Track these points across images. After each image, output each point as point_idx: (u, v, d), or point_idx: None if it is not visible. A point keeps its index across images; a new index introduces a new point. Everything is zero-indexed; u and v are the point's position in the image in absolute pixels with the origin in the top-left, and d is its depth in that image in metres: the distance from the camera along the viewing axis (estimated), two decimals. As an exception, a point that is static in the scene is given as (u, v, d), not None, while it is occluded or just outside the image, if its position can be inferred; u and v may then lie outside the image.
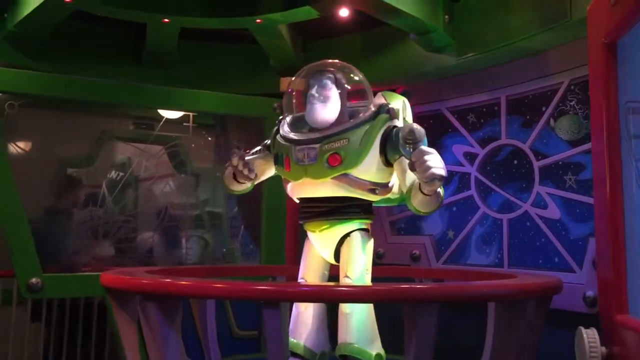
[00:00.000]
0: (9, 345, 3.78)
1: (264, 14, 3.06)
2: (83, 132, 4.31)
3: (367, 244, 2.22)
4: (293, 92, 2.34)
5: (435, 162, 1.86)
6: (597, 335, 1.88)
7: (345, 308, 2.19)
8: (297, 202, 2.35)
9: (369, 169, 2.14)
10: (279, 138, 2.28)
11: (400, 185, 2.20)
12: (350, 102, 2.24)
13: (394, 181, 2.24)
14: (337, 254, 2.25)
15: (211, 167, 4.93)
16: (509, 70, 3.08)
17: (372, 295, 1.70)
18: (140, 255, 4.47)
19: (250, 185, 2.45)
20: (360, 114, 2.18)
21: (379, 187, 2.18)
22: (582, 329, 1.92)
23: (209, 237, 4.70)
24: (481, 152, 3.23)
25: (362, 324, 2.18)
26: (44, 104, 3.91)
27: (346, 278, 2.17)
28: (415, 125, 1.96)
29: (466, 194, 3.29)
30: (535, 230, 2.94)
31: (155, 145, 4.45)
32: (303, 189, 2.26)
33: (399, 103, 2.33)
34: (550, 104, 2.91)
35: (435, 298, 1.71)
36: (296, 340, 2.29)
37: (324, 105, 2.19)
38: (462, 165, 3.31)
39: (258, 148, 2.48)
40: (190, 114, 4.23)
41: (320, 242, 2.30)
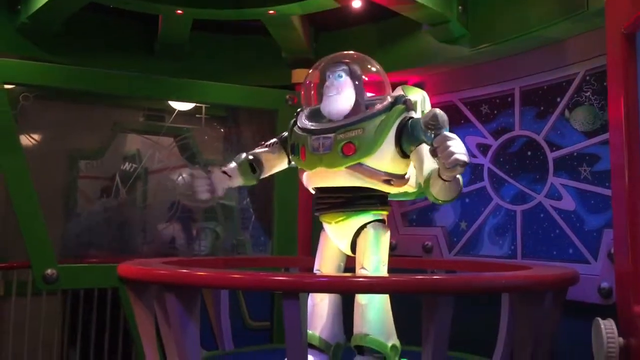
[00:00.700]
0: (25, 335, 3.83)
1: (277, 5, 3.06)
2: (96, 124, 4.33)
3: (384, 236, 2.22)
4: (310, 84, 2.33)
5: (458, 148, 1.85)
6: (615, 326, 1.89)
7: (361, 299, 2.19)
8: (312, 193, 2.36)
9: (383, 159, 2.14)
10: (296, 129, 2.30)
11: (417, 177, 2.19)
12: (367, 94, 2.24)
13: (410, 173, 2.24)
14: (354, 245, 2.26)
15: (222, 159, 4.94)
16: (523, 61, 3.07)
17: (391, 285, 1.70)
18: (151, 247, 4.50)
19: (254, 180, 2.50)
20: (376, 105, 2.18)
21: (394, 178, 2.17)
22: (600, 320, 1.92)
23: (220, 230, 4.71)
24: (494, 144, 3.22)
25: (378, 315, 2.19)
26: (57, 96, 3.93)
27: (362, 269, 2.18)
28: (438, 111, 1.94)
29: (479, 185, 3.28)
30: (549, 221, 2.94)
31: (167, 137, 4.47)
32: (318, 179, 2.26)
33: (419, 96, 2.33)
34: (565, 95, 2.90)
35: (453, 289, 1.71)
36: (311, 332, 2.30)
37: (338, 97, 2.20)
38: (475, 156, 3.30)
39: (274, 140, 2.48)
40: (202, 105, 4.23)
41: (336, 234, 2.31)
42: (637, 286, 1.88)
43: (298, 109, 2.38)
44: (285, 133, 2.41)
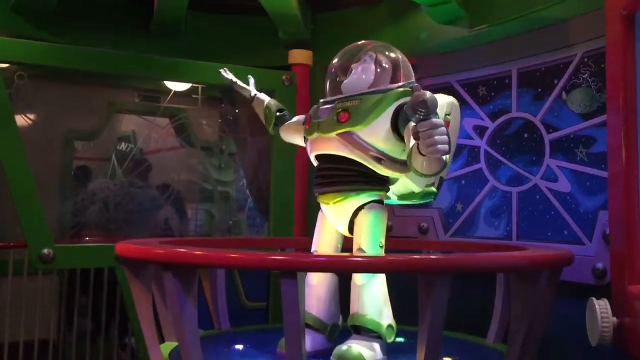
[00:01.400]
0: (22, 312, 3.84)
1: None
2: (91, 105, 4.31)
3: (382, 217, 2.23)
4: (333, 71, 2.38)
5: (440, 138, 1.82)
6: (609, 306, 1.91)
7: (358, 280, 2.21)
8: (315, 164, 2.39)
9: (375, 133, 2.14)
10: (313, 107, 2.39)
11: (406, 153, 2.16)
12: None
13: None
14: (351, 226, 2.27)
15: (218, 140, 4.94)
16: (521, 43, 3.05)
17: (389, 265, 1.71)
18: (147, 227, 4.51)
19: (269, 127, 2.61)
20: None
21: (385, 158, 2.16)
22: (594, 299, 1.95)
23: (215, 210, 4.73)
24: (491, 125, 3.22)
25: (375, 296, 2.21)
26: (53, 75, 3.90)
27: (360, 250, 2.19)
28: (429, 96, 1.85)
29: (475, 167, 3.29)
30: (544, 203, 2.95)
31: (163, 117, 4.46)
32: (315, 145, 2.30)
33: (446, 100, 2.35)
34: (563, 77, 2.90)
35: (451, 268, 1.73)
36: (308, 312, 2.32)
37: (359, 77, 2.26)
38: (472, 138, 3.30)
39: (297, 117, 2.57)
40: (198, 86, 4.22)
41: (334, 215, 2.32)
42: (631, 266, 1.91)
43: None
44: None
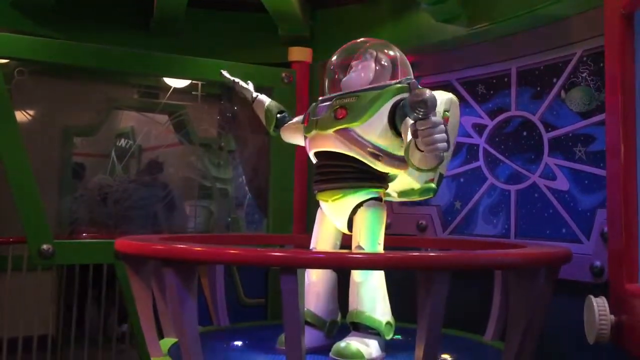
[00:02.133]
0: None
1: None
2: (90, 101, 4.31)
3: (380, 214, 2.24)
4: (332, 68, 2.39)
5: (440, 137, 1.82)
6: (607, 304, 1.92)
7: (356, 276, 2.22)
8: (314, 162, 2.40)
9: (373, 130, 2.14)
10: (312, 105, 2.40)
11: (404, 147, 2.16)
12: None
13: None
14: (350, 223, 2.28)
15: (217, 137, 4.94)
16: (520, 41, 3.06)
17: (390, 262, 1.72)
18: (146, 223, 4.52)
19: (270, 128, 2.62)
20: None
21: (383, 154, 2.16)
22: (592, 297, 1.96)
23: (214, 207, 4.73)
24: (490, 124, 3.23)
25: (373, 293, 2.22)
26: (52, 71, 3.90)
27: (359, 247, 2.20)
28: (429, 95, 1.82)
29: (474, 165, 3.30)
30: (543, 201, 2.96)
31: (162, 114, 4.46)
32: (313, 142, 2.31)
33: (444, 97, 2.35)
34: (562, 76, 2.90)
35: (451, 266, 1.74)
36: (306, 309, 2.33)
37: (358, 75, 2.27)
38: (471, 136, 3.31)
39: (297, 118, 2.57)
40: (198, 82, 4.22)
41: (333, 212, 2.33)
42: (629, 264, 1.92)
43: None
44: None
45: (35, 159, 3.14)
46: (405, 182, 2.36)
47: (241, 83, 2.72)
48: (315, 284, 2.38)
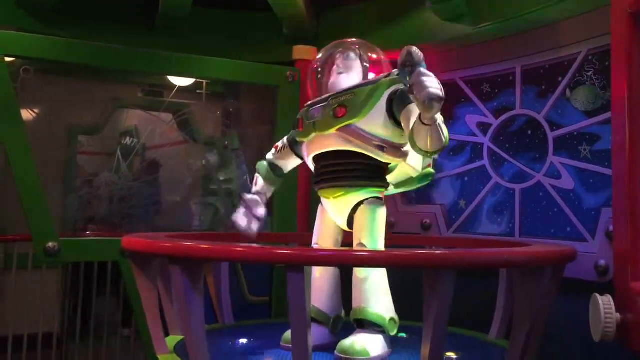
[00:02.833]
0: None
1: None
2: (95, 99, 4.32)
3: (381, 212, 2.25)
4: (318, 68, 2.39)
5: (432, 83, 1.81)
6: (613, 302, 1.92)
7: (360, 273, 2.23)
8: (312, 167, 2.39)
9: (374, 122, 2.16)
10: (300, 111, 2.39)
11: (407, 137, 2.15)
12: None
13: (408, 148, 2.24)
14: (350, 221, 2.30)
15: (221, 135, 4.95)
16: (525, 40, 3.06)
17: (398, 260, 1.71)
18: (151, 221, 4.53)
19: (280, 182, 2.58)
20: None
21: (387, 146, 2.18)
22: (598, 295, 1.96)
23: (220, 205, 4.74)
24: (495, 122, 3.23)
25: (377, 289, 2.23)
26: (58, 70, 3.91)
27: (360, 245, 2.21)
28: (413, 48, 1.88)
29: (478, 164, 3.30)
30: (548, 200, 2.96)
31: (166, 113, 4.47)
32: (313, 145, 2.31)
33: None
34: (567, 74, 2.90)
35: (458, 264, 1.74)
36: (311, 305, 2.33)
37: (347, 75, 2.28)
38: (475, 135, 3.32)
39: (283, 143, 2.54)
40: (203, 81, 4.23)
41: (334, 209, 2.34)
42: (635, 263, 1.92)
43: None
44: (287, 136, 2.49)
45: (40, 157, 3.15)
46: (404, 172, 2.37)
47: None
48: (318, 279, 2.39)
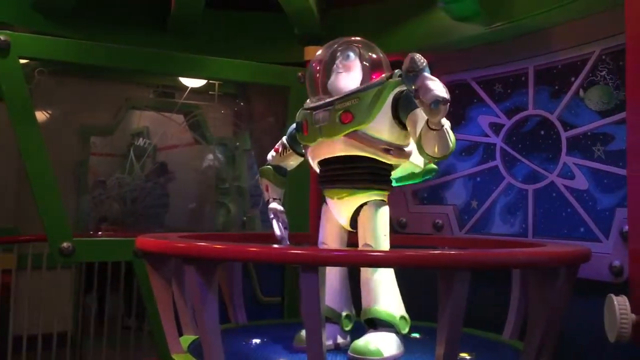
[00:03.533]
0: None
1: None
2: (108, 100, 4.35)
3: (384, 211, 2.27)
4: (317, 66, 2.38)
5: (437, 86, 1.86)
6: (628, 303, 1.92)
7: (368, 273, 2.25)
8: (317, 170, 2.40)
9: (381, 127, 2.18)
10: (301, 110, 2.39)
11: (414, 143, 2.18)
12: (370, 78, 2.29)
13: (411, 147, 2.25)
14: (353, 221, 2.32)
15: (232, 136, 4.97)
16: (538, 40, 3.05)
17: (413, 260, 1.72)
18: (164, 221, 4.56)
19: (286, 182, 2.64)
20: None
21: (393, 148, 2.20)
22: (613, 296, 1.96)
23: (232, 205, 4.76)
24: (507, 123, 3.22)
25: (386, 288, 2.24)
26: (71, 71, 3.94)
27: (366, 245, 2.23)
28: (417, 54, 1.93)
29: (491, 164, 3.29)
30: (561, 200, 2.95)
31: (178, 114, 4.49)
32: (319, 150, 2.32)
33: None
34: (580, 74, 2.89)
35: (472, 264, 1.74)
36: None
37: (347, 74, 2.27)
38: (488, 135, 3.31)
39: (282, 143, 2.57)
40: (215, 82, 4.24)
41: (338, 209, 2.36)
42: (651, 264, 1.91)
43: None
44: (291, 127, 2.49)
45: (53, 158, 3.18)
46: (405, 168, 2.39)
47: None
48: (328, 277, 2.39)
